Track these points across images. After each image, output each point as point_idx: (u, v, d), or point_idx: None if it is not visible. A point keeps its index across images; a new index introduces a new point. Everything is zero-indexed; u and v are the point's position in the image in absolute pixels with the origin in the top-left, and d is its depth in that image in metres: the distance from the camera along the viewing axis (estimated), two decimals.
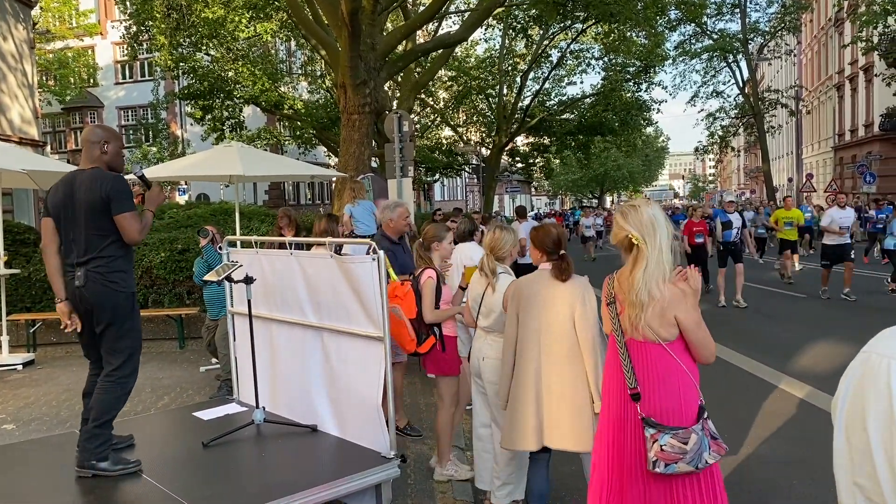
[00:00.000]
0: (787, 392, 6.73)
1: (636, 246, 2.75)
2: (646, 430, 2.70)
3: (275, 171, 10.47)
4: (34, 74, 21.23)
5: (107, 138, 3.96)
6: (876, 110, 31.69)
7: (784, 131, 48.14)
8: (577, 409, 3.47)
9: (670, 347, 2.74)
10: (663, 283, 2.70)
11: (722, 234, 12.32)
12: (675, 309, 2.71)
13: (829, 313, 10.93)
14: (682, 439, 2.65)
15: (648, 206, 2.81)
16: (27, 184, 9.05)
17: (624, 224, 2.80)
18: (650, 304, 2.69)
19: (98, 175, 3.82)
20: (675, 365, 2.73)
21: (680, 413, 2.71)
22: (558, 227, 3.80)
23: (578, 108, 29.80)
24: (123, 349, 3.88)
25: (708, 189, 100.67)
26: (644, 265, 2.71)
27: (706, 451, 2.68)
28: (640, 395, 2.74)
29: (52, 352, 9.39)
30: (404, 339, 4.51)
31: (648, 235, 2.73)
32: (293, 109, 21.94)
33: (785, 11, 34.97)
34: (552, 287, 3.57)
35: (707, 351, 2.77)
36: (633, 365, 2.77)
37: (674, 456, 2.63)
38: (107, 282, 3.79)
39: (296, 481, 3.61)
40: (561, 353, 3.50)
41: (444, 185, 50.79)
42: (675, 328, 2.73)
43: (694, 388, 2.76)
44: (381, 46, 12.83)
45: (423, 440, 5.43)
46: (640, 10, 16.64)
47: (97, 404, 3.84)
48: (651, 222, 2.74)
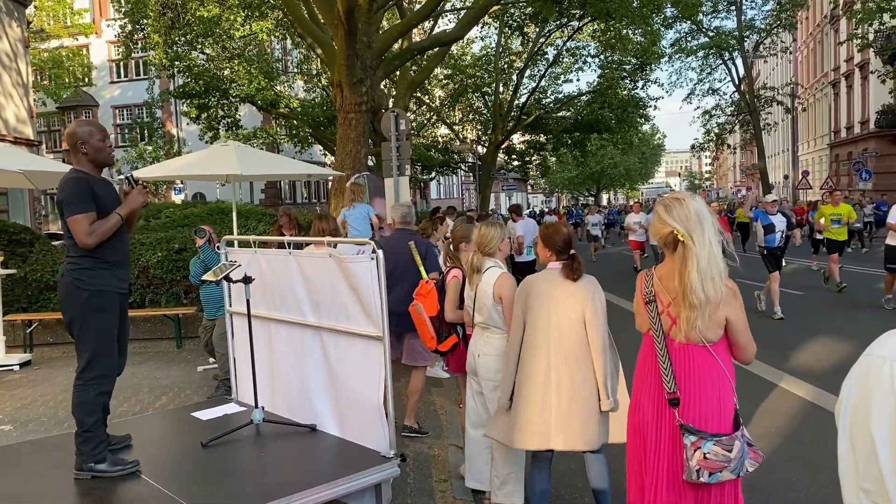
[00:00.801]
0: (786, 390, 6.73)
1: (682, 243, 2.57)
2: (685, 437, 2.54)
3: (271, 170, 10.44)
4: (29, 73, 21.15)
5: (84, 137, 3.90)
6: (872, 107, 31.76)
7: (780, 128, 48.24)
8: (586, 410, 3.47)
9: (714, 349, 2.61)
10: (721, 281, 2.54)
11: (764, 238, 10.62)
12: (725, 309, 2.57)
13: (830, 311, 10.94)
14: (726, 447, 2.51)
15: (693, 200, 2.63)
16: (23, 183, 9.01)
17: (668, 219, 2.61)
18: (707, 305, 2.53)
19: (64, 177, 3.87)
20: (718, 368, 2.61)
21: (719, 419, 2.58)
22: (568, 227, 3.77)
23: (575, 105, 29.79)
24: (85, 349, 3.83)
25: (704, 186, 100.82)
26: (695, 263, 2.52)
27: (747, 459, 2.57)
28: (679, 401, 2.59)
29: (48, 352, 9.36)
30: (425, 336, 4.53)
31: (695, 231, 2.55)
32: (289, 108, 21.89)
33: (781, 9, 35.03)
34: (562, 287, 3.55)
35: (750, 352, 2.67)
36: (674, 368, 2.63)
37: (718, 465, 2.50)
38: (72, 279, 3.82)
39: (295, 481, 3.61)
40: (571, 353, 3.49)
41: (440, 183, 50.78)
42: (722, 329, 2.61)
43: (733, 392, 2.65)
44: (377, 45, 12.79)
45: (421, 440, 5.42)
46: (636, 7, 16.63)
47: (76, 409, 3.82)
48: (697, 216, 2.57)
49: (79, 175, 3.83)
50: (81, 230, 3.72)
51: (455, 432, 5.65)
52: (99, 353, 3.84)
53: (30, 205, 20.54)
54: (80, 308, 3.80)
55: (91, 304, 3.80)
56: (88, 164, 3.92)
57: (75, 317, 3.83)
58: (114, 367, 3.94)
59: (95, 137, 3.92)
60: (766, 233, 10.59)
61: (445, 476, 4.68)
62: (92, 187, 3.80)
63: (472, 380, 4.16)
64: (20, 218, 18.20)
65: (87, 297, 3.80)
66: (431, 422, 5.92)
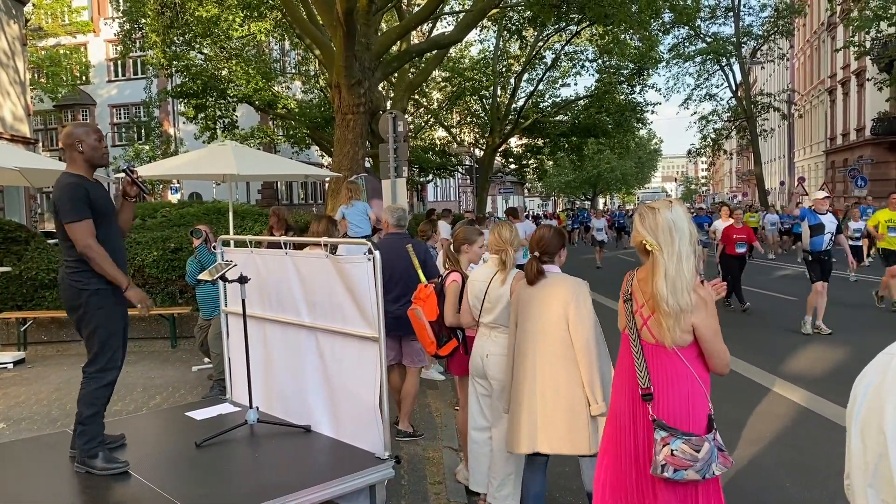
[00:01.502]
0: (780, 395, 6.75)
1: (651, 252, 2.64)
2: (656, 432, 2.60)
3: (268, 170, 10.44)
4: (26, 71, 21.13)
5: (80, 136, 3.93)
6: (868, 114, 31.88)
7: (776, 135, 48.38)
8: (572, 412, 3.45)
9: (683, 354, 2.65)
10: (689, 292, 2.58)
11: (810, 240, 9.57)
12: (693, 316, 2.61)
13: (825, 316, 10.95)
14: (694, 446, 2.56)
15: (668, 209, 2.66)
16: (19, 181, 8.99)
17: (640, 227, 2.68)
18: (682, 314, 2.58)
19: (58, 181, 3.90)
20: (688, 373, 2.65)
21: (689, 419, 2.63)
22: (543, 230, 3.77)
23: (572, 109, 29.86)
24: (93, 344, 3.92)
25: (700, 191, 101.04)
26: (662, 273, 2.59)
27: (715, 462, 2.60)
28: (653, 396, 2.65)
29: (42, 350, 9.34)
30: (424, 340, 4.51)
31: (665, 242, 2.61)
32: (287, 109, 21.89)
33: (778, 16, 35.19)
34: (546, 289, 3.57)
35: (721, 362, 2.68)
36: (648, 365, 2.68)
37: (685, 463, 2.55)
38: (72, 280, 3.89)
39: (289, 482, 3.60)
40: (555, 354, 3.49)
41: (437, 185, 50.78)
42: (690, 335, 2.63)
43: (705, 396, 2.68)
44: (375, 46, 12.80)
45: (415, 441, 5.42)
46: (634, 12, 16.68)
47: (79, 401, 3.90)
48: (669, 227, 2.61)
49: (73, 180, 3.84)
50: (81, 238, 3.77)
51: (450, 434, 5.65)
52: (102, 348, 3.90)
53: (25, 203, 20.50)
54: (83, 308, 3.88)
55: (92, 303, 3.87)
56: (83, 164, 3.94)
57: (81, 316, 3.90)
58: (116, 360, 3.99)
59: (92, 137, 3.96)
60: (813, 234, 9.51)
61: (440, 478, 4.68)
62: (87, 193, 3.83)
63: (479, 382, 4.09)
64: (16, 216, 18.17)
65: (88, 296, 3.86)
66: (426, 424, 5.92)
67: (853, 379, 1.56)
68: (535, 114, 29.03)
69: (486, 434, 4.10)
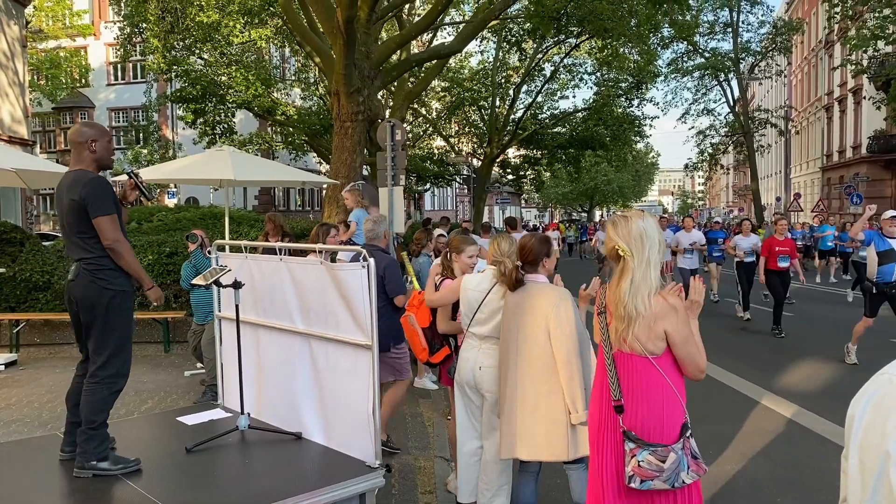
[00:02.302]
0: (772, 410, 6.75)
1: (622, 258, 2.73)
2: (626, 443, 2.67)
3: (266, 175, 10.44)
4: (25, 73, 21.13)
5: (94, 136, 3.95)
6: (864, 132, 32.05)
7: (773, 150, 48.58)
8: (551, 420, 3.47)
9: (657, 362, 2.70)
10: (649, 298, 2.67)
11: (878, 269, 8.23)
12: (663, 322, 2.67)
13: (815, 333, 10.98)
14: (660, 457, 2.61)
15: (640, 219, 2.77)
16: (15, 182, 8.97)
17: (613, 234, 2.78)
18: (637, 319, 2.66)
19: (79, 177, 3.85)
20: (661, 380, 2.70)
21: (662, 429, 2.67)
22: (526, 238, 3.78)
23: (570, 121, 29.94)
24: (107, 347, 3.86)
25: (697, 206, 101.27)
26: (630, 278, 2.68)
27: (684, 471, 2.63)
28: (624, 408, 2.71)
29: (35, 352, 9.30)
30: (416, 347, 4.51)
31: (636, 248, 2.70)
32: (286, 115, 21.92)
33: (776, 32, 35.43)
34: (529, 299, 3.59)
35: (695, 367, 2.73)
36: (619, 376, 2.74)
37: (650, 473, 2.60)
38: (95, 279, 3.81)
39: (279, 488, 3.59)
40: (535, 363, 3.51)
41: (434, 194, 50.84)
42: (663, 342, 2.70)
43: (679, 404, 2.72)
44: (375, 55, 12.84)
45: (407, 451, 5.40)
46: (633, 26, 16.78)
47: (85, 406, 3.83)
48: (640, 235, 2.71)
49: (100, 176, 3.89)
50: (112, 231, 3.77)
51: (442, 444, 5.64)
52: (117, 352, 3.88)
53: (22, 204, 20.46)
54: (103, 309, 3.81)
55: (115, 304, 3.84)
56: (92, 164, 3.94)
57: (97, 317, 3.82)
58: (128, 366, 3.97)
59: (105, 139, 4.00)
60: (883, 262, 8.21)
61: (431, 488, 4.67)
62: (113, 190, 3.88)
63: (469, 394, 4.08)
64: (11, 217, 18.12)
65: (112, 297, 3.83)
66: (418, 433, 5.91)
67: (845, 395, 1.56)
68: (533, 125, 29.11)
69: (475, 445, 4.10)
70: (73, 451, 3.92)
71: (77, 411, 3.99)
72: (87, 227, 3.80)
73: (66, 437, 4.04)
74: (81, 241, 3.83)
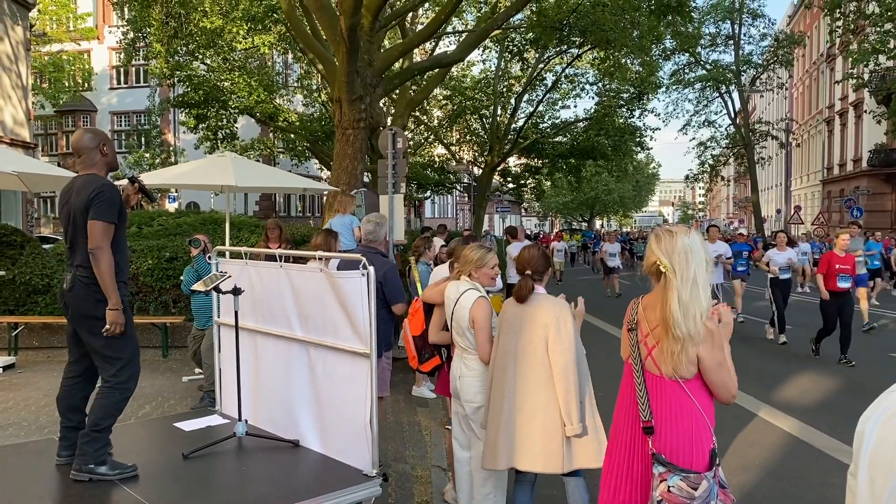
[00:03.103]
0: (771, 424, 6.73)
1: (664, 275, 2.59)
2: (655, 467, 2.55)
3: (267, 182, 10.45)
4: (28, 76, 21.18)
5: (102, 140, 4.00)
6: (865, 146, 32.13)
7: (774, 163, 48.67)
8: (547, 432, 3.47)
9: (687, 385, 2.59)
10: (700, 320, 2.53)
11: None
12: (699, 347, 2.55)
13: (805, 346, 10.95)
14: (692, 484, 2.49)
15: (685, 234, 2.63)
16: (17, 185, 8.98)
17: (655, 249, 2.64)
18: (690, 341, 2.52)
19: (89, 181, 3.85)
20: (691, 405, 2.59)
21: (691, 454, 2.56)
22: (531, 250, 3.80)
23: (571, 131, 29.99)
24: (117, 358, 3.86)
25: (697, 217, 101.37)
26: (676, 296, 2.54)
27: (714, 500, 2.52)
28: (654, 430, 2.59)
29: (33, 356, 9.29)
30: (408, 354, 4.53)
31: (679, 265, 2.56)
32: (288, 122, 21.96)
33: (778, 46, 35.55)
34: (528, 310, 3.60)
35: (727, 393, 2.61)
36: (650, 397, 2.63)
37: (681, 500, 2.48)
38: (90, 291, 3.80)
39: (276, 496, 3.58)
40: (534, 375, 3.51)
41: (434, 202, 50.87)
42: (695, 367, 2.58)
43: (708, 430, 2.61)
44: (378, 63, 12.88)
45: (404, 460, 5.39)
46: (635, 37, 16.81)
47: (97, 409, 3.83)
48: (685, 251, 2.58)
49: (112, 184, 3.88)
50: (100, 237, 3.73)
51: (439, 454, 5.63)
52: (130, 359, 3.92)
53: (23, 207, 20.47)
54: (103, 319, 3.79)
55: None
56: (104, 168, 3.98)
57: (98, 326, 3.80)
58: (138, 371, 4.00)
59: (110, 142, 4.08)
60: None
61: (427, 497, 4.66)
62: (120, 200, 3.88)
63: (455, 402, 4.15)
64: (12, 220, 18.13)
65: (107, 307, 3.81)
66: (415, 442, 5.90)
67: (844, 409, 1.56)
68: (534, 134, 29.16)
69: (469, 453, 4.11)
70: (69, 456, 3.91)
71: (70, 415, 3.99)
72: (83, 231, 3.80)
73: (62, 442, 4.03)
74: (87, 249, 3.80)
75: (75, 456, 3.82)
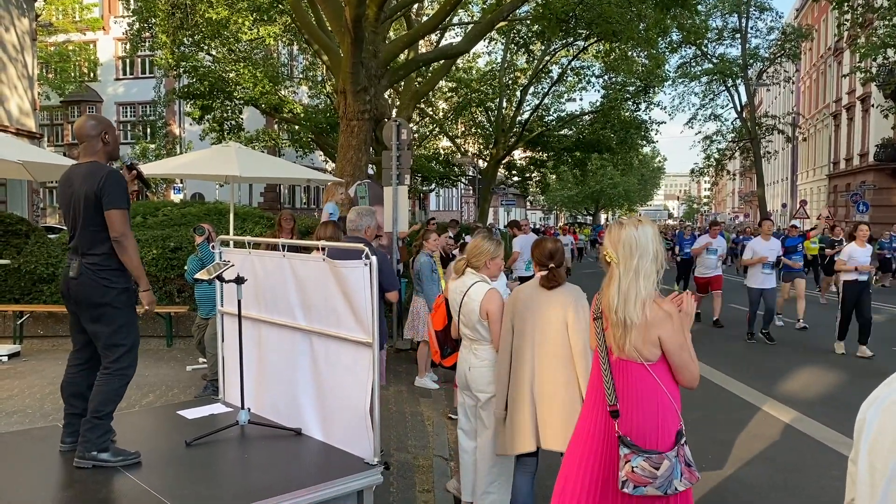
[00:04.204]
0: (772, 416, 6.74)
1: (609, 264, 2.74)
2: (620, 448, 2.66)
3: (271, 172, 10.46)
4: (34, 66, 21.21)
5: (104, 128, 3.98)
6: (871, 140, 31.96)
7: (780, 157, 48.48)
8: (567, 411, 3.54)
9: (652, 368, 2.70)
10: (638, 307, 2.65)
11: None
12: (658, 329, 2.67)
13: (816, 341, 10.94)
14: (654, 464, 2.61)
15: (634, 227, 2.74)
16: (22, 175, 9.00)
17: (606, 240, 2.80)
18: (631, 326, 2.65)
19: (94, 169, 3.85)
20: (656, 386, 2.70)
21: (657, 435, 2.67)
22: (553, 241, 3.89)
23: (577, 124, 29.93)
24: (120, 344, 3.89)
25: (702, 211, 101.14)
26: (616, 285, 2.69)
27: (677, 479, 2.63)
28: (619, 413, 2.71)
29: (38, 344, 9.34)
30: (431, 349, 4.63)
31: (623, 256, 2.69)
32: (292, 113, 21.95)
33: (785, 39, 35.36)
34: (545, 293, 3.69)
35: (690, 374, 2.72)
36: (615, 381, 2.75)
37: (643, 479, 2.60)
38: (98, 278, 3.82)
39: (278, 484, 3.59)
40: (553, 355, 3.58)
41: (439, 195, 50.83)
42: (658, 349, 2.70)
43: (674, 411, 2.72)
44: (383, 54, 12.86)
45: (406, 449, 5.41)
46: (642, 30, 16.74)
47: (97, 395, 3.86)
48: (630, 243, 2.69)
49: (117, 171, 3.90)
50: (122, 225, 3.80)
51: (441, 443, 5.65)
52: (131, 347, 3.95)
53: (28, 197, 20.55)
54: (110, 309, 3.84)
55: (120, 300, 3.88)
56: (104, 156, 3.97)
57: (103, 317, 3.84)
58: (136, 358, 4.04)
59: (113, 130, 4.06)
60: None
61: (429, 486, 4.67)
62: (127, 186, 3.91)
63: (464, 393, 4.16)
64: (18, 210, 18.20)
65: (117, 294, 3.86)
66: (418, 433, 5.92)
67: (846, 402, 1.57)
68: (539, 127, 29.09)
69: (474, 442, 4.13)
70: (73, 443, 3.94)
71: (74, 402, 4.01)
72: (100, 220, 3.81)
73: (66, 429, 4.05)
74: (93, 236, 3.82)
75: (78, 443, 3.85)
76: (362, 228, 5.43)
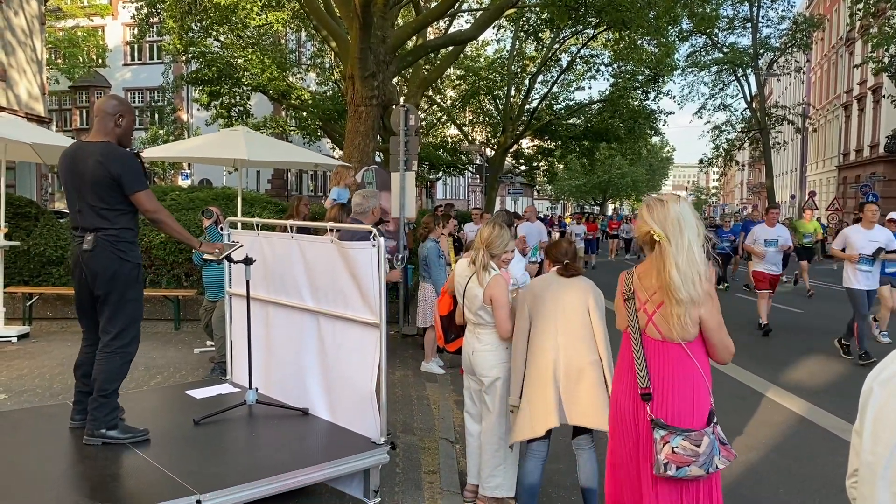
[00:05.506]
0: (779, 404, 6.74)
1: (658, 243, 2.65)
2: (655, 431, 2.61)
3: (279, 157, 10.46)
4: (43, 51, 21.23)
5: (122, 111, 3.98)
6: (882, 131, 31.73)
7: (789, 148, 48.20)
8: (593, 388, 3.61)
9: (689, 348, 2.67)
10: (699, 284, 2.59)
11: None
12: (701, 308, 2.63)
13: (824, 329, 10.92)
14: (694, 441, 2.57)
15: (676, 203, 2.68)
16: (31, 157, 9.05)
17: (648, 218, 2.68)
18: (691, 304, 2.60)
19: (108, 150, 3.83)
20: (693, 366, 2.67)
21: (692, 416, 2.63)
22: (568, 242, 4.02)
23: (585, 113, 29.76)
24: (123, 317, 3.91)
25: (710, 201, 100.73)
26: (674, 263, 2.58)
27: (717, 456, 2.61)
28: (652, 396, 2.66)
29: (47, 326, 9.40)
30: (437, 332, 4.66)
31: (673, 233, 2.61)
32: (300, 100, 21.92)
33: (796, 29, 35.02)
34: (564, 280, 3.81)
35: (727, 352, 2.71)
36: (648, 364, 2.70)
37: (686, 459, 2.56)
38: (116, 249, 3.85)
39: (285, 462, 3.63)
40: (577, 336, 3.66)
41: (446, 183, 50.77)
42: (696, 328, 2.66)
43: (707, 391, 2.69)
44: (391, 40, 12.82)
45: (412, 432, 5.44)
46: (652, 19, 16.63)
47: (100, 374, 3.88)
48: (677, 219, 2.63)
49: (132, 153, 3.96)
50: (154, 204, 3.91)
51: (447, 427, 5.68)
52: (132, 323, 3.97)
53: (37, 181, 20.63)
54: (122, 280, 3.87)
55: (132, 275, 3.93)
56: (114, 139, 3.95)
57: (115, 288, 3.86)
58: (139, 335, 4.06)
59: (130, 116, 4.06)
60: None
61: (434, 468, 4.70)
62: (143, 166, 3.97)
63: (469, 377, 4.19)
64: (27, 193, 18.27)
65: (130, 268, 3.90)
66: (424, 416, 5.95)
67: (852, 390, 1.57)
68: (548, 116, 28.95)
69: (479, 426, 4.15)
70: (82, 420, 3.98)
71: (86, 381, 4.03)
72: (114, 202, 3.82)
73: (76, 406, 4.09)
74: (104, 213, 3.82)
75: (87, 422, 3.88)
76: (368, 210, 5.46)
